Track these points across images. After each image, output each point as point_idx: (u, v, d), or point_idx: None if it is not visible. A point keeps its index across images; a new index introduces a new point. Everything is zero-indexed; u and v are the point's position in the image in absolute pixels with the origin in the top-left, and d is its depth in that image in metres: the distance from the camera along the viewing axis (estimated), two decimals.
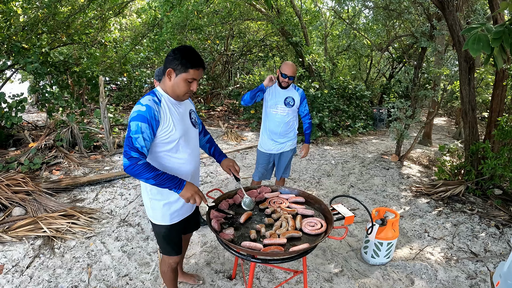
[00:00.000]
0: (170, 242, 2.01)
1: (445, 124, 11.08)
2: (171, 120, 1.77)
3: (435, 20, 4.96)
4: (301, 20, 8.72)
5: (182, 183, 1.72)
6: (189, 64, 1.70)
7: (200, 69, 1.75)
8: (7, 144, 5.80)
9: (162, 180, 1.67)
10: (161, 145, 1.80)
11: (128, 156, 1.65)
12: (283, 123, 3.27)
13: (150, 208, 1.93)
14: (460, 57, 3.97)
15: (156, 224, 1.97)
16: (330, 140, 7.82)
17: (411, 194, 4.66)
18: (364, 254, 3.02)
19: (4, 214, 3.66)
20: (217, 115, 10.83)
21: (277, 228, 1.89)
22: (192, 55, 1.72)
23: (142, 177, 1.65)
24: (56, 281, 2.71)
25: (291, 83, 3.19)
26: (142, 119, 1.66)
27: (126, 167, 1.65)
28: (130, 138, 1.66)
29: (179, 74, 1.73)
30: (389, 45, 7.37)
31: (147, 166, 1.65)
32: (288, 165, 3.58)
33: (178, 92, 1.78)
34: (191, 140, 1.94)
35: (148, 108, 1.68)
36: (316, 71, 9.14)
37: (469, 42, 1.97)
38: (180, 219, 1.99)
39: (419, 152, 6.90)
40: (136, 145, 1.65)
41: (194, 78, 1.74)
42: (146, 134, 1.67)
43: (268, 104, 3.28)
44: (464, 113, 4.29)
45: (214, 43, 10.86)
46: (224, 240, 1.74)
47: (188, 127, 1.92)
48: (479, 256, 3.15)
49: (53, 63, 6.31)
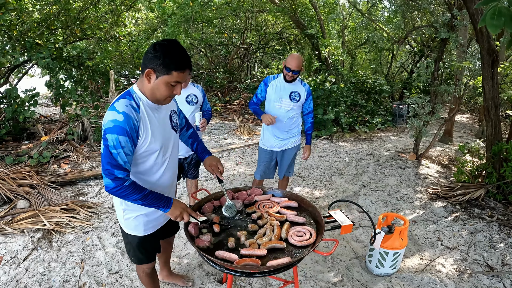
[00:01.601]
0: (143, 251, 1.88)
1: (468, 122, 10.47)
2: (150, 130, 1.56)
3: (456, 9, 4.58)
4: (317, 11, 8.42)
5: (169, 202, 1.60)
6: (173, 66, 1.44)
7: (186, 71, 1.49)
8: (21, 137, 5.93)
9: (150, 200, 1.54)
10: (138, 156, 1.59)
11: (112, 176, 1.45)
12: (287, 118, 3.13)
13: (123, 218, 1.77)
14: (483, 49, 3.63)
15: (128, 234, 1.82)
16: (345, 136, 7.53)
17: (426, 196, 4.37)
18: (369, 263, 2.81)
19: (9, 207, 3.71)
20: (234, 109, 10.72)
21: (259, 236, 1.73)
22: (177, 54, 1.45)
23: (129, 199, 1.51)
24: (49, 275, 2.73)
25: (296, 77, 3.02)
26: (120, 132, 1.43)
27: (110, 189, 1.47)
28: (109, 154, 1.44)
29: (160, 76, 1.46)
30: (407, 36, 6.96)
31: (134, 187, 1.50)
32: (291, 163, 3.41)
33: (158, 96, 1.53)
34: (170, 150, 1.75)
35: (126, 117, 1.44)
36: (333, 64, 8.83)
37: (486, 17, 1.56)
38: (155, 230, 1.86)
39: (439, 151, 6.52)
40: (119, 161, 1.45)
41: (178, 81, 1.49)
42: (128, 148, 1.46)
43: (271, 98, 3.13)
44: (487, 110, 3.95)
45: (231, 36, 10.72)
46: (196, 248, 1.60)
47: (169, 135, 1.71)
48: (496, 270, 2.87)
49: (67, 58, 6.37)
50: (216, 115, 9.57)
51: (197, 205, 2.04)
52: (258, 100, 3.21)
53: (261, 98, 3.21)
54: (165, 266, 2.53)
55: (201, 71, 11.86)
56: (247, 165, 5.45)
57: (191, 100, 3.01)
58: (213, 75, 11.51)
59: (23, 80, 9.00)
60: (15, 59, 5.27)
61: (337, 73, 8.73)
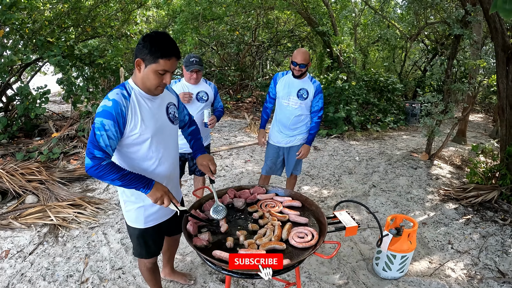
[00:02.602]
0: (143, 245, 1.90)
1: (482, 121, 10.17)
2: (140, 117, 1.59)
3: (470, 4, 4.41)
4: (329, 8, 8.30)
5: (150, 183, 1.59)
6: (159, 53, 1.49)
7: (172, 59, 1.53)
8: (33, 134, 6.03)
9: (129, 180, 1.54)
10: (130, 145, 1.63)
11: (90, 155, 1.49)
12: (294, 116, 3.09)
13: (125, 209, 1.83)
14: (497, 46, 3.49)
15: (130, 226, 1.86)
16: (357, 135, 7.41)
17: (438, 198, 4.25)
18: (376, 265, 2.73)
19: (18, 202, 3.77)
20: (245, 107, 10.68)
21: (259, 237, 1.69)
22: (163, 43, 1.51)
23: (107, 179, 1.52)
24: (53, 269, 2.76)
25: (304, 71, 2.97)
26: (107, 116, 1.49)
27: (88, 168, 1.51)
28: (93, 135, 1.50)
29: (149, 65, 1.52)
30: (419, 33, 6.78)
31: (112, 166, 1.52)
32: (298, 161, 3.35)
33: (148, 85, 1.58)
34: (166, 139, 1.75)
35: (115, 103, 1.51)
36: (344, 62, 8.70)
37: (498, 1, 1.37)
38: (156, 223, 1.86)
39: (452, 151, 6.35)
40: (101, 143, 1.50)
41: (165, 69, 1.54)
42: (111, 132, 1.51)
43: (280, 95, 3.14)
44: (501, 110, 3.81)
45: (242, 34, 10.67)
46: (192, 246, 1.57)
47: (163, 124, 1.72)
48: (507, 276, 2.76)
49: (78, 55, 6.44)
50: (227, 113, 9.55)
51: (198, 203, 2.01)
52: (271, 98, 3.27)
53: (273, 96, 3.24)
54: (168, 263, 2.52)
55: (213, 69, 11.85)
56: (256, 163, 5.41)
57: (201, 97, 3.01)
58: (224, 72, 11.48)
59: (37, 77, 9.16)
60: (26, 57, 5.34)
61: (349, 71, 8.60)
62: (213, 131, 7.49)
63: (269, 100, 3.29)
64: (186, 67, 2.86)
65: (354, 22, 9.64)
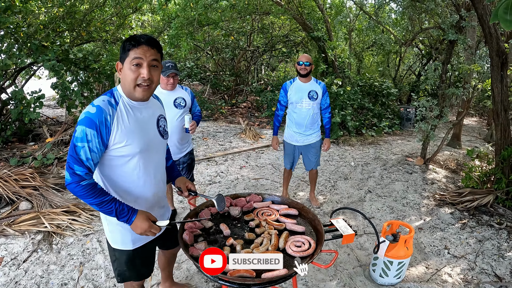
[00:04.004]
0: (132, 268, 1.72)
1: (477, 125, 10.27)
2: (128, 128, 1.45)
3: (464, 10, 4.47)
4: (324, 14, 8.34)
5: (133, 215, 1.45)
6: (128, 44, 1.41)
7: (142, 46, 1.41)
8: (27, 139, 5.97)
9: (108, 208, 1.41)
10: (114, 158, 1.48)
11: (70, 170, 1.36)
12: (309, 116, 3.46)
13: (109, 231, 1.64)
14: (492, 51, 3.53)
15: (115, 249, 1.66)
16: (352, 140, 7.42)
17: (434, 202, 4.26)
18: (372, 272, 2.73)
19: (11, 208, 3.72)
20: (240, 112, 10.67)
21: (255, 246, 1.68)
22: (132, 37, 1.43)
23: (85, 200, 1.39)
24: (48, 277, 2.73)
25: (309, 69, 3.34)
26: (89, 124, 1.35)
27: (67, 184, 1.38)
28: (73, 147, 1.36)
29: (124, 62, 1.44)
30: (413, 38, 6.84)
31: (92, 188, 1.38)
32: (317, 156, 3.72)
33: (127, 84, 1.45)
34: (155, 155, 1.61)
35: (99, 110, 1.38)
36: (339, 67, 8.74)
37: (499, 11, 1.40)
38: (145, 242, 1.71)
39: (447, 155, 6.38)
40: (81, 156, 1.36)
41: (137, 57, 1.40)
42: (94, 144, 1.37)
43: (293, 100, 3.47)
44: (496, 114, 3.84)
45: (237, 39, 10.68)
46: (189, 256, 1.55)
47: (153, 138, 1.59)
48: (504, 280, 2.77)
49: (73, 60, 6.40)
50: (222, 118, 9.54)
51: (194, 212, 1.99)
52: (282, 106, 3.60)
53: (284, 104, 3.59)
54: (168, 278, 2.39)
55: (208, 74, 11.85)
56: (251, 169, 5.39)
57: (179, 103, 2.97)
58: (219, 77, 11.48)
59: (31, 81, 9.09)
60: (21, 61, 5.30)
61: (344, 76, 8.64)
62: (208, 136, 7.47)
63: (280, 108, 3.61)
64: (162, 73, 2.79)
65: (348, 27, 9.70)
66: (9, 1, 5.27)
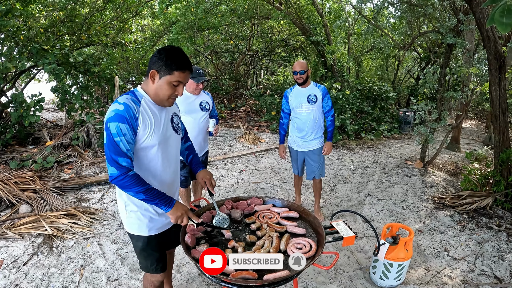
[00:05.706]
0: (148, 257, 1.83)
1: (475, 128, 10.31)
2: (149, 122, 1.60)
3: (462, 14, 4.51)
4: (323, 18, 8.40)
5: (172, 202, 1.60)
6: (174, 66, 1.55)
7: (186, 72, 1.60)
8: (26, 142, 5.97)
9: (152, 195, 1.54)
10: (138, 150, 1.63)
11: (115, 164, 1.48)
12: (310, 120, 3.44)
13: (126, 216, 1.76)
14: (490, 54, 3.56)
15: (133, 235, 1.80)
16: (351, 144, 7.45)
17: (433, 205, 4.28)
18: (372, 274, 2.73)
19: (11, 211, 3.72)
20: (239, 116, 10.71)
21: (257, 248, 1.68)
22: (179, 56, 1.57)
23: (131, 190, 1.51)
24: (48, 280, 2.72)
25: (305, 77, 3.31)
26: (121, 120, 1.49)
27: (114, 178, 1.49)
28: (113, 142, 1.48)
29: (163, 76, 1.57)
30: (412, 42, 6.89)
31: (138, 178, 1.52)
32: (318, 163, 3.58)
33: (161, 96, 1.61)
34: (170, 148, 1.77)
35: (127, 106, 1.51)
36: (338, 71, 8.79)
37: (495, 15, 1.44)
38: (159, 232, 1.82)
39: (446, 158, 6.41)
40: (122, 148, 1.49)
41: (179, 81, 1.58)
42: (128, 136, 1.51)
43: (293, 105, 3.49)
44: (494, 117, 3.87)
45: (236, 43, 10.74)
46: (191, 258, 1.56)
47: (169, 133, 1.74)
48: (503, 281, 2.78)
49: (73, 63, 6.43)
50: (221, 122, 9.56)
51: (195, 214, 2.00)
52: (286, 114, 3.62)
53: (287, 111, 3.60)
54: (168, 282, 2.40)
55: (208, 78, 11.90)
56: (251, 173, 5.41)
57: (204, 106, 3.22)
58: (219, 82, 11.53)
59: (31, 85, 9.11)
60: (21, 64, 5.32)
61: (343, 80, 8.68)
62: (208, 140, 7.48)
63: (284, 116, 3.64)
64: (193, 78, 2.99)
65: (347, 32, 9.76)
66: (9, 4, 5.30)
